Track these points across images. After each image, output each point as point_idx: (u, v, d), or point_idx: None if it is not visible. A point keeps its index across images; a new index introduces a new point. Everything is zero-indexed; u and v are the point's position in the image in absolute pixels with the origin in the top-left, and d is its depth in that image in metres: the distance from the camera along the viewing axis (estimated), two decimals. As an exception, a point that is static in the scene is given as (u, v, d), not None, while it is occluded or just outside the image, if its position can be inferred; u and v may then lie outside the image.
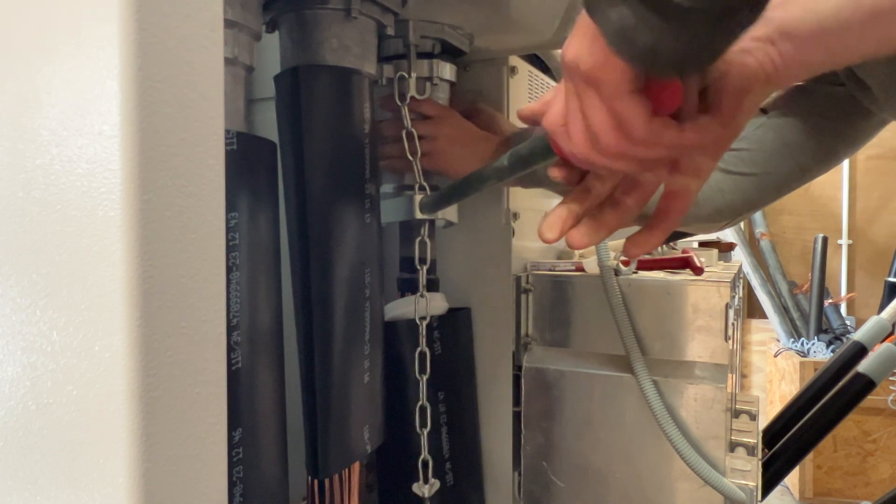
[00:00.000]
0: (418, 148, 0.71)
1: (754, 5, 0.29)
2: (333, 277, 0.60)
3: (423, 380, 0.71)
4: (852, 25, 0.34)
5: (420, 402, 0.71)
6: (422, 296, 0.71)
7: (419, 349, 0.71)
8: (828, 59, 0.37)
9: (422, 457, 0.71)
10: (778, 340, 2.74)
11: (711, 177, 0.51)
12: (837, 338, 2.57)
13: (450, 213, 0.75)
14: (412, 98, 0.72)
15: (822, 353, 2.48)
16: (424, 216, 0.71)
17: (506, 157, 0.51)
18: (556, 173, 0.45)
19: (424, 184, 0.71)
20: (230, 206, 0.50)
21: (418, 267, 0.71)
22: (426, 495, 0.71)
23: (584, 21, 0.34)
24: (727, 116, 0.36)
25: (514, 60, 0.85)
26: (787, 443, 1.22)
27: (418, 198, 0.71)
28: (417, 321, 0.71)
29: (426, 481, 0.71)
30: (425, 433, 0.71)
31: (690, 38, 0.29)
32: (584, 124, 0.37)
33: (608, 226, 0.44)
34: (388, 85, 0.72)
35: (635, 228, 0.45)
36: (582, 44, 0.35)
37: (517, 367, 0.84)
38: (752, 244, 2.97)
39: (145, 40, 0.31)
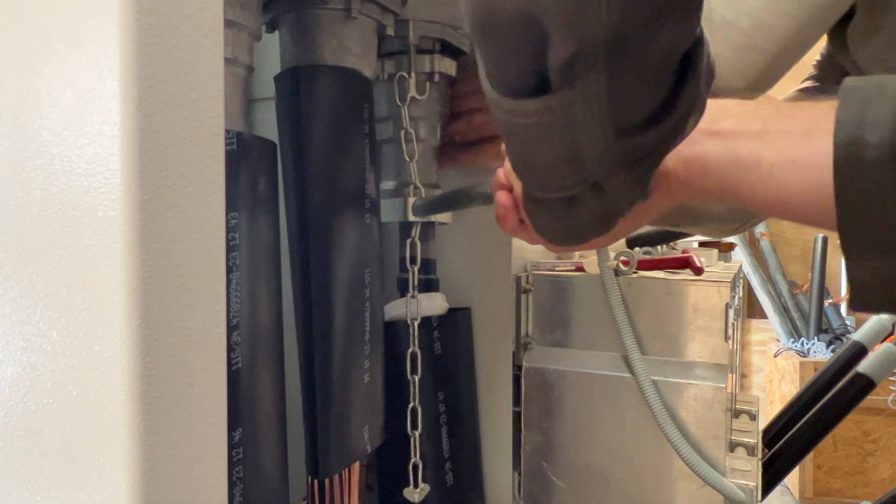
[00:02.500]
0: (416, 150, 0.71)
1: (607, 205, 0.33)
2: (333, 277, 0.60)
3: (415, 380, 0.71)
4: (747, 176, 0.36)
5: (412, 405, 0.71)
6: (413, 296, 0.71)
7: (410, 350, 0.71)
8: (720, 194, 0.39)
9: (412, 460, 0.71)
10: (778, 340, 2.74)
11: None
12: (837, 338, 2.57)
13: (442, 215, 0.76)
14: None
15: (822, 353, 2.48)
16: (416, 219, 0.72)
17: (488, 184, 0.55)
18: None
19: (420, 185, 0.71)
20: (230, 206, 0.50)
21: (409, 267, 0.71)
22: (416, 500, 0.70)
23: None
24: None
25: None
26: (787, 443, 1.22)
27: (412, 200, 0.71)
28: (409, 322, 0.71)
29: (416, 485, 0.71)
30: (416, 435, 0.71)
31: (553, 217, 0.35)
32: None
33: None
34: (389, 80, 0.72)
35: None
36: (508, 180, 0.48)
37: (517, 367, 0.84)
38: (752, 244, 2.97)
39: (145, 40, 0.31)
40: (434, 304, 0.76)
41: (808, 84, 0.80)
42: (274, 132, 0.62)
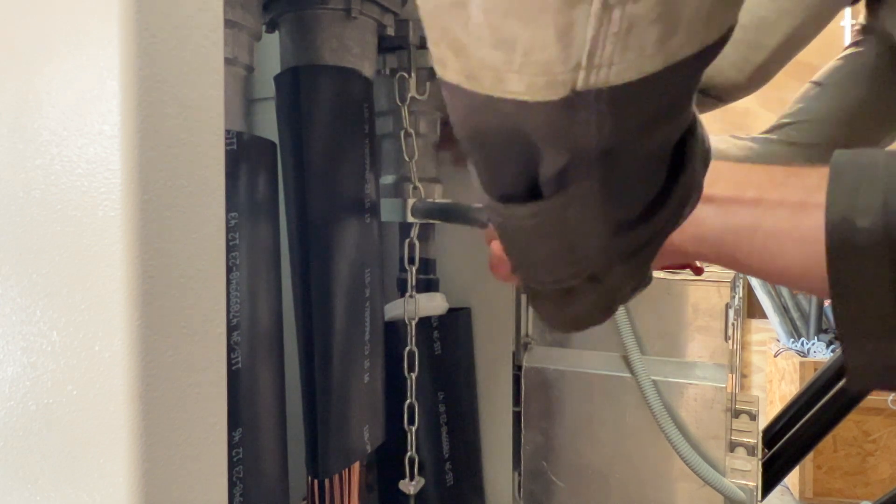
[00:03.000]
0: (416, 150, 0.71)
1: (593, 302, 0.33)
2: (333, 277, 0.60)
3: (412, 378, 0.71)
4: (743, 246, 0.36)
5: (408, 401, 0.71)
6: (411, 296, 0.71)
7: (408, 348, 0.71)
8: (719, 261, 0.40)
9: (409, 454, 0.71)
10: (778, 340, 2.74)
11: (776, 151, 0.55)
12: (837, 338, 2.57)
13: None
14: None
15: (822, 353, 2.48)
16: (416, 220, 0.72)
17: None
18: None
19: (419, 185, 0.71)
20: (230, 206, 0.50)
21: (407, 267, 0.71)
22: (411, 493, 0.71)
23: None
24: None
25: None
26: (787, 443, 1.21)
27: (411, 201, 0.71)
28: (406, 321, 0.71)
29: (412, 479, 0.71)
30: (413, 430, 0.71)
31: (552, 306, 0.34)
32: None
33: None
34: (391, 75, 0.72)
35: None
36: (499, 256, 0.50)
37: (517, 367, 0.84)
38: (752, 244, 2.96)
39: (145, 40, 0.31)
40: (434, 304, 0.76)
41: (851, 51, 0.80)
42: (274, 132, 0.62)
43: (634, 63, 0.20)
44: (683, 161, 0.27)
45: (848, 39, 0.85)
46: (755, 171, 0.38)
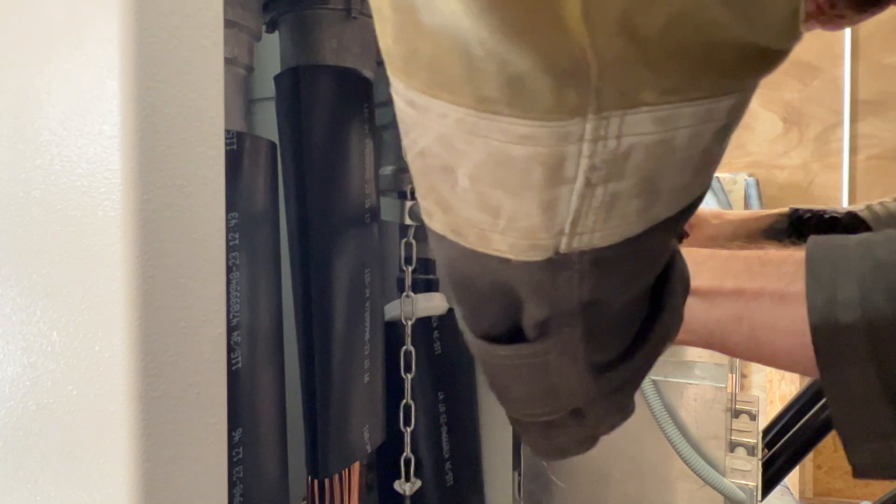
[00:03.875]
0: None
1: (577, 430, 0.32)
2: (333, 277, 0.60)
3: (408, 378, 0.71)
4: (730, 334, 0.36)
5: (404, 401, 0.71)
6: (407, 296, 0.71)
7: (404, 348, 0.71)
8: (708, 346, 0.40)
9: (404, 454, 0.71)
10: (778, 340, 2.74)
11: None
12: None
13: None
14: None
15: (822, 354, 2.48)
16: (413, 223, 0.72)
17: None
18: None
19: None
20: (230, 206, 0.50)
21: (403, 268, 0.72)
22: (407, 493, 0.71)
23: None
24: None
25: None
26: (787, 443, 1.21)
27: (409, 203, 0.72)
28: (403, 321, 0.71)
29: (407, 479, 0.71)
30: (408, 431, 0.71)
31: (534, 436, 0.34)
32: None
33: None
34: None
35: None
36: None
37: (517, 367, 0.84)
38: (752, 244, 2.96)
39: (145, 40, 0.31)
40: (433, 303, 0.76)
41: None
42: (274, 132, 0.62)
43: (617, 229, 0.20)
44: (664, 299, 0.27)
45: (849, 41, 0.84)
46: (733, 259, 0.38)
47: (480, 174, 0.19)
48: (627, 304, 0.26)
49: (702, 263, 0.38)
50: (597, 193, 0.19)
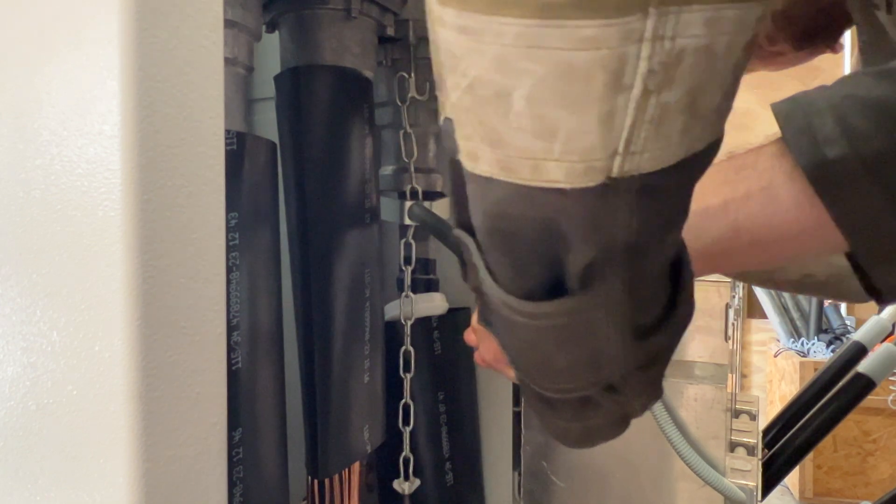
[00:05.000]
0: (414, 150, 0.71)
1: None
2: (333, 277, 0.60)
3: (408, 378, 0.71)
4: (733, 250, 0.36)
5: (403, 401, 0.71)
6: (406, 296, 0.71)
7: (403, 348, 0.71)
8: (718, 271, 0.40)
9: (403, 454, 0.71)
10: (778, 340, 2.74)
11: None
12: (837, 338, 2.57)
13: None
14: None
15: (822, 353, 2.48)
16: (412, 223, 0.72)
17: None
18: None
19: (417, 188, 0.72)
20: (230, 206, 0.50)
21: (403, 268, 0.72)
22: (406, 492, 0.71)
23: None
24: None
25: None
26: (787, 443, 1.21)
27: (408, 204, 0.72)
28: (402, 321, 0.71)
29: (406, 478, 0.71)
30: (407, 431, 0.71)
31: (564, 418, 0.34)
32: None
33: None
34: (393, 66, 0.72)
35: None
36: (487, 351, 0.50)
37: (517, 367, 0.84)
38: (752, 244, 2.95)
39: (145, 40, 0.31)
40: (433, 304, 0.76)
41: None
42: (274, 132, 0.62)
43: (663, 152, 0.21)
44: (683, 274, 0.29)
45: (849, 40, 0.84)
46: (707, 176, 0.37)
47: (539, 92, 0.20)
48: (659, 263, 0.27)
49: None
50: (650, 104, 0.20)
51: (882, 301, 0.34)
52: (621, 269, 0.25)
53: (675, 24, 0.18)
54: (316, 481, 0.63)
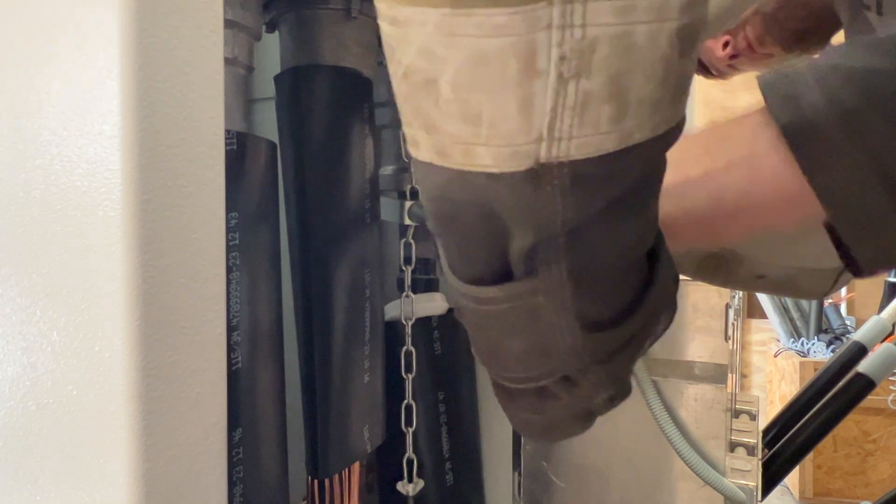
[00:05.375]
0: None
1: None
2: (333, 277, 0.60)
3: (409, 378, 0.71)
4: (713, 221, 0.35)
5: (406, 401, 0.71)
6: (406, 296, 0.71)
7: (404, 348, 0.71)
8: (698, 244, 0.40)
9: (406, 455, 0.71)
10: (778, 340, 2.74)
11: None
12: (837, 338, 2.57)
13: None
14: None
15: (822, 353, 2.48)
16: (413, 223, 0.72)
17: None
18: None
19: (417, 188, 0.72)
20: (230, 206, 0.50)
21: (403, 268, 0.72)
22: (410, 494, 0.71)
23: None
24: None
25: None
26: (787, 443, 1.21)
27: (408, 204, 0.72)
28: (403, 321, 0.71)
29: (410, 480, 0.71)
30: (410, 432, 0.71)
31: (524, 409, 0.33)
32: None
33: None
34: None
35: None
36: None
37: (517, 367, 0.84)
38: (752, 244, 2.95)
39: (145, 40, 0.31)
40: (433, 303, 0.76)
41: None
42: (274, 132, 0.62)
43: (592, 140, 0.21)
44: (656, 272, 0.28)
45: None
46: (687, 146, 0.36)
47: (461, 79, 0.20)
48: (614, 256, 0.26)
49: None
50: (569, 90, 0.20)
51: (859, 274, 0.33)
52: (565, 256, 0.25)
53: (584, 13, 0.19)
54: (316, 481, 0.63)
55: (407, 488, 0.71)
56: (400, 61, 0.22)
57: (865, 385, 1.18)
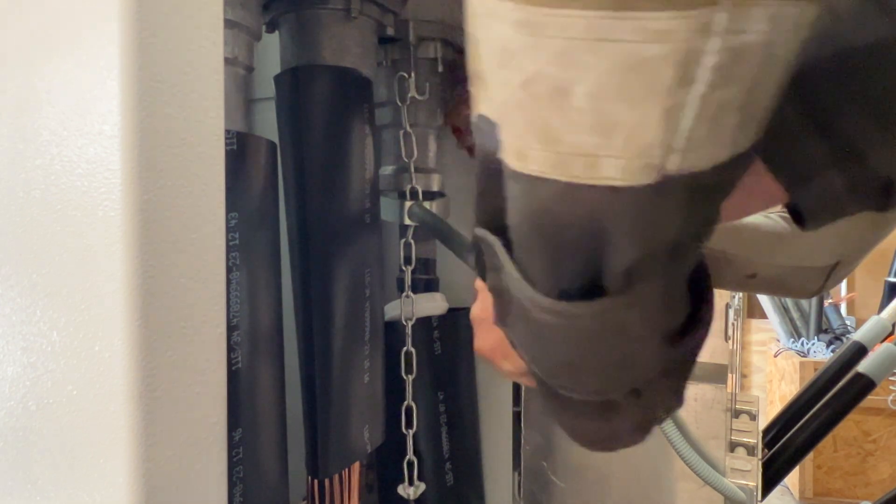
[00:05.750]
0: (414, 150, 0.71)
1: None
2: (333, 278, 0.60)
3: (409, 380, 0.71)
4: None
5: (406, 403, 0.71)
6: (407, 296, 0.71)
7: (405, 349, 0.71)
8: None
9: (407, 457, 0.71)
10: (778, 340, 2.74)
11: None
12: (837, 338, 2.57)
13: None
14: None
15: (822, 353, 2.48)
16: (412, 223, 0.72)
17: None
18: None
19: (417, 188, 0.72)
20: (230, 206, 0.50)
21: (403, 268, 0.72)
22: (411, 497, 0.71)
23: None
24: None
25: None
26: (787, 443, 1.21)
27: (408, 204, 0.72)
28: (403, 321, 0.71)
29: (411, 483, 0.71)
30: (410, 433, 0.71)
31: (584, 420, 0.34)
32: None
33: None
34: (393, 66, 0.72)
35: None
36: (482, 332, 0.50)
37: (517, 367, 0.84)
38: (752, 244, 2.95)
39: (145, 40, 0.31)
40: (434, 303, 0.76)
41: None
42: (274, 132, 0.62)
43: (716, 150, 0.21)
44: (705, 282, 0.29)
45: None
46: None
47: (603, 87, 0.19)
48: (692, 264, 0.26)
49: None
50: (712, 99, 0.19)
51: (807, 226, 0.33)
52: (662, 271, 0.24)
53: (747, 18, 0.18)
54: (316, 481, 0.63)
55: (408, 491, 0.71)
56: (521, 68, 0.20)
57: (865, 385, 1.18)
